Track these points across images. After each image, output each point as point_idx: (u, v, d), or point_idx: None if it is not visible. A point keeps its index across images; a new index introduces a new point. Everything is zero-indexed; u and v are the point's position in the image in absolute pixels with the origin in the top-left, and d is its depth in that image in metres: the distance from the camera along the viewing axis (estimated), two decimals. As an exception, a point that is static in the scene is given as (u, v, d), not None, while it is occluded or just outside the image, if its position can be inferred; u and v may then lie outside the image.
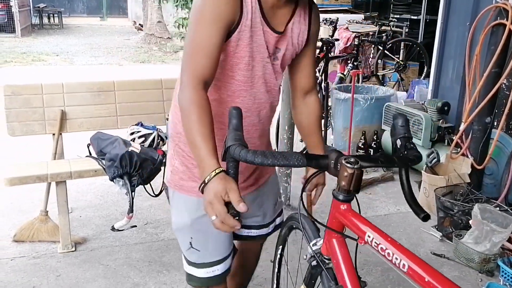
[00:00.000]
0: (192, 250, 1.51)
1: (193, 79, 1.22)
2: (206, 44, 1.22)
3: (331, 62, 5.20)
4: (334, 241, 1.22)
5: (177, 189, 1.50)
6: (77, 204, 3.24)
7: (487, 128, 3.22)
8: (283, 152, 1.09)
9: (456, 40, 3.99)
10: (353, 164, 1.06)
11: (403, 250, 1.00)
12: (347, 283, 1.13)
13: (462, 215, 2.90)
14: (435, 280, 0.91)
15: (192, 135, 1.18)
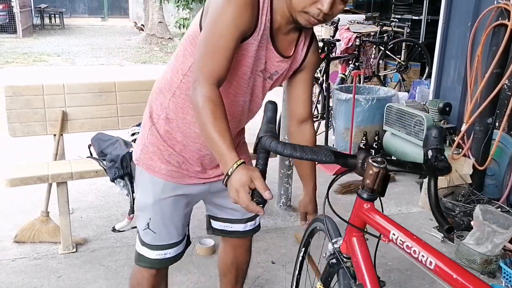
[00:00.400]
0: (148, 231, 1.57)
1: (210, 77, 1.24)
2: (225, 46, 1.24)
3: (332, 62, 5.21)
4: (354, 239, 1.24)
5: (145, 168, 1.54)
6: (78, 205, 3.24)
7: (488, 129, 3.22)
8: (312, 147, 1.15)
9: (458, 41, 3.98)
10: (379, 163, 1.08)
11: (429, 248, 1.02)
12: (367, 281, 1.15)
13: (463, 216, 2.90)
14: (463, 277, 0.93)
15: (209, 131, 1.20)
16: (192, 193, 1.60)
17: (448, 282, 0.95)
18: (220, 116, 1.21)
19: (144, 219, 1.58)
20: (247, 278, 2.49)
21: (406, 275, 2.58)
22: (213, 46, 1.25)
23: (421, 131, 3.68)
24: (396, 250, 2.64)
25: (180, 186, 1.55)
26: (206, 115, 1.20)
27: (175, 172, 1.53)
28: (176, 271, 2.52)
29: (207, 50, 1.26)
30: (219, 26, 1.25)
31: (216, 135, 1.18)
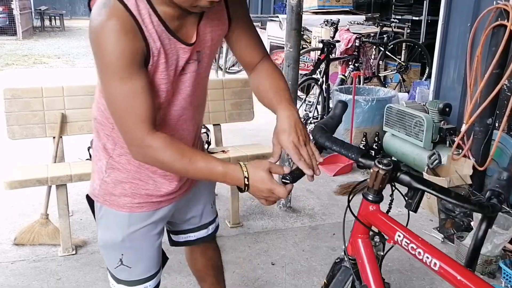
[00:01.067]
0: (123, 268, 1.44)
1: (143, 130, 1.15)
2: (133, 92, 1.12)
3: (332, 63, 5.21)
4: (360, 241, 1.25)
5: (106, 204, 1.40)
6: (77, 207, 3.23)
7: (488, 129, 3.21)
8: (347, 143, 1.22)
9: (457, 41, 3.98)
10: (385, 165, 1.11)
11: (434, 250, 1.04)
12: (371, 282, 1.16)
13: (463, 216, 2.89)
14: (467, 278, 0.95)
15: (194, 169, 1.19)
16: (161, 217, 1.47)
17: (452, 283, 0.98)
18: (185, 149, 1.20)
19: (115, 256, 1.44)
20: (247, 280, 2.51)
21: (407, 276, 2.57)
22: (122, 102, 1.14)
23: (421, 132, 3.68)
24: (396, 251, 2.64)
25: (148, 214, 1.42)
26: (176, 161, 1.18)
27: (143, 203, 1.40)
28: (176, 273, 2.52)
29: (119, 110, 1.15)
30: (114, 79, 1.11)
31: (202, 165, 1.18)
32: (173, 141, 1.20)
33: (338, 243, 2.89)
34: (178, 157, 1.18)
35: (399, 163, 1.16)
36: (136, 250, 1.44)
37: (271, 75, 1.41)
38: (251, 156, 3.01)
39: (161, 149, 1.17)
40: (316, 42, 6.29)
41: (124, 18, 1.10)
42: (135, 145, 1.19)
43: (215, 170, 1.19)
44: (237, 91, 3.24)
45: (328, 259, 2.70)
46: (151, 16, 1.14)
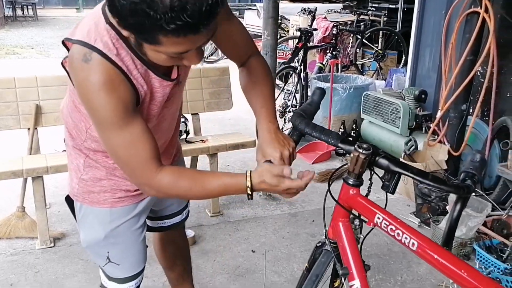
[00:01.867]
0: (112, 264, 1.44)
1: (151, 171, 1.15)
2: (135, 138, 1.12)
3: (310, 51, 5.22)
4: (340, 224, 1.27)
5: (86, 202, 1.38)
6: (55, 199, 3.19)
7: (463, 115, 3.28)
8: (326, 128, 1.23)
9: (433, 29, 4.03)
10: (364, 149, 1.12)
11: (412, 231, 1.07)
12: (352, 265, 1.19)
13: (439, 201, 2.95)
14: (443, 257, 0.99)
15: (209, 191, 1.20)
16: (143, 208, 1.46)
17: (429, 262, 1.01)
18: (194, 175, 1.21)
19: (101, 254, 1.44)
20: (228, 268, 2.52)
21: (385, 260, 2.62)
22: (125, 150, 1.13)
23: (398, 119, 3.73)
24: (374, 236, 2.69)
25: (130, 208, 1.42)
26: (187, 192, 1.21)
27: (124, 197, 1.39)
28: (156, 262, 2.50)
29: (122, 159, 1.15)
30: (112, 130, 1.10)
31: (214, 186, 1.18)
32: (181, 171, 1.22)
33: (317, 230, 2.92)
34: (190, 186, 1.19)
35: (377, 148, 1.17)
36: (121, 246, 1.43)
37: (257, 78, 1.39)
38: (230, 145, 3.01)
39: (173, 184, 1.17)
40: (294, 31, 6.29)
41: (109, 71, 1.07)
42: (146, 185, 1.19)
43: (229, 184, 1.19)
44: (215, 80, 3.23)
45: (308, 246, 2.73)
46: (134, 60, 1.12)
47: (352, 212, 1.25)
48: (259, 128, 1.32)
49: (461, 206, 1.18)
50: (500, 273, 2.38)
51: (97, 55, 1.06)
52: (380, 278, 2.46)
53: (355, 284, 1.15)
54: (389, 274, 2.50)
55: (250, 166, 3.86)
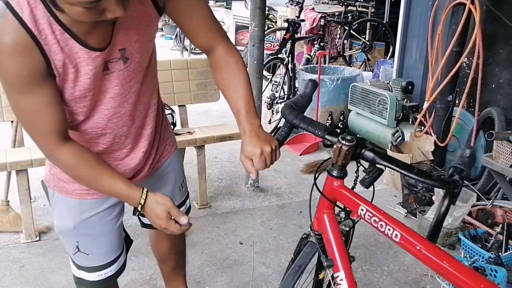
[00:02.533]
0: (80, 254, 1.42)
1: (50, 142, 1.14)
2: (37, 107, 1.08)
3: (297, 43, 5.21)
4: (325, 216, 1.27)
5: (57, 190, 1.37)
6: (40, 193, 3.14)
7: (449, 106, 3.30)
8: (313, 120, 1.22)
9: (420, 20, 4.03)
10: (348, 141, 1.12)
11: (395, 222, 1.07)
12: (337, 257, 1.19)
13: (425, 191, 2.98)
14: (425, 248, 0.99)
15: (99, 184, 1.20)
16: (116, 201, 1.43)
17: (412, 253, 1.01)
18: (94, 163, 1.19)
19: (71, 243, 1.42)
20: (215, 260, 2.52)
21: (371, 250, 2.64)
22: (26, 116, 1.11)
23: (385, 110, 3.74)
24: (361, 227, 2.70)
25: (100, 201, 1.38)
26: (83, 174, 1.19)
27: (93, 191, 1.34)
28: (143, 255, 2.51)
29: (24, 123, 1.14)
30: (14, 94, 1.07)
31: (106, 183, 1.19)
32: (84, 156, 1.19)
33: (305, 221, 2.93)
34: (85, 173, 1.19)
35: (364, 140, 1.17)
36: (91, 236, 1.41)
37: (229, 74, 1.30)
38: (218, 137, 3.00)
39: (71, 165, 1.18)
40: (282, 22, 6.26)
41: (18, 35, 1.00)
42: (47, 155, 1.20)
43: (120, 190, 1.21)
44: (202, 71, 3.20)
45: (295, 237, 2.74)
46: (51, 25, 1.03)
47: (337, 204, 1.25)
48: (239, 129, 1.26)
49: (449, 201, 1.19)
50: (484, 262, 2.41)
51: (9, 13, 1.00)
52: (367, 268, 2.48)
53: (340, 276, 1.15)
54: (375, 264, 2.52)
55: (237, 158, 3.85)
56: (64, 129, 1.15)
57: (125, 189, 1.20)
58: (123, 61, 1.17)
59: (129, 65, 1.19)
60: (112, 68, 1.17)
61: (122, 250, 1.53)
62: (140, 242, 2.61)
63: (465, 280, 0.89)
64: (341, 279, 1.15)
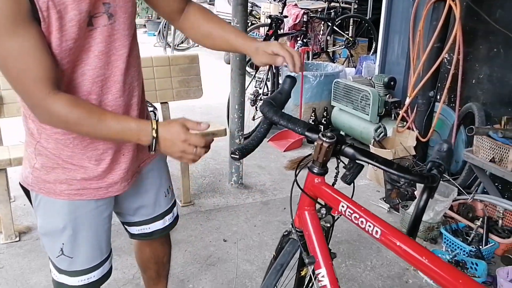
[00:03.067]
0: (63, 258, 1.36)
1: (42, 90, 1.07)
2: (25, 50, 1.03)
3: (281, 39, 5.19)
4: (306, 213, 1.27)
5: (43, 192, 1.29)
6: (20, 193, 3.03)
7: (430, 102, 3.33)
8: (293, 117, 1.21)
9: (401, 16, 4.06)
10: (328, 138, 1.11)
11: (375, 218, 1.07)
12: (318, 253, 1.19)
13: (407, 186, 3.01)
14: (405, 244, 0.99)
15: (103, 128, 1.12)
16: (105, 203, 1.38)
17: (392, 249, 1.01)
18: (92, 107, 1.14)
19: (55, 245, 1.34)
20: (199, 257, 2.51)
21: (355, 246, 2.66)
22: (12, 62, 1.05)
23: (368, 106, 3.76)
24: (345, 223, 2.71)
25: (89, 202, 1.33)
26: (80, 121, 1.11)
27: (81, 190, 1.30)
28: (126, 254, 2.49)
29: (11, 71, 1.07)
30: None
31: (112, 123, 1.12)
32: (80, 100, 1.14)
33: (288, 217, 2.90)
34: (84, 115, 1.11)
35: (344, 137, 1.17)
36: (77, 239, 1.35)
37: (214, 20, 1.37)
38: (201, 134, 2.97)
39: (65, 108, 1.09)
40: (265, 18, 6.25)
41: None
42: (37, 107, 1.11)
43: (128, 126, 1.13)
44: (185, 68, 3.18)
45: (279, 233, 2.70)
46: None
47: (318, 201, 1.25)
48: (244, 49, 1.34)
49: (428, 195, 1.19)
50: (465, 255, 2.44)
51: None
52: (351, 264, 2.49)
53: (321, 272, 1.16)
54: (359, 259, 2.54)
55: (222, 156, 3.84)
56: (54, 77, 1.08)
57: (133, 122, 1.13)
58: (108, 17, 1.16)
59: (113, 22, 1.18)
60: (96, 23, 1.14)
61: (108, 256, 1.47)
62: (123, 241, 2.59)
63: (444, 275, 0.90)
64: (322, 276, 1.16)
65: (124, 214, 1.55)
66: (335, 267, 1.19)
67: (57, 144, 1.24)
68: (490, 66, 3.16)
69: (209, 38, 1.38)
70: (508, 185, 2.93)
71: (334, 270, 1.17)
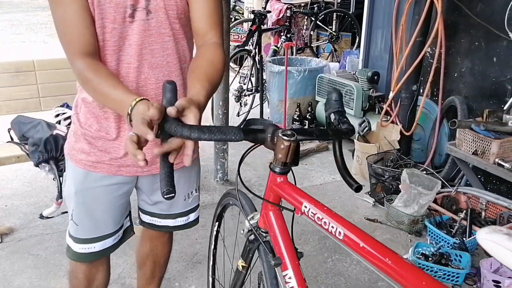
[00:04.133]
0: (72, 223, 1.48)
1: (73, 52, 1.22)
2: (65, 17, 1.20)
3: (265, 34, 5.19)
4: (271, 213, 1.23)
5: (69, 157, 1.45)
6: (2, 193, 3.05)
7: (414, 96, 3.35)
8: (220, 126, 1.05)
9: (384, 10, 4.08)
10: (289, 136, 1.06)
11: (338, 219, 1.02)
12: (284, 254, 1.16)
13: (392, 180, 3.03)
14: (369, 245, 0.94)
15: (102, 93, 1.18)
16: (124, 181, 1.45)
17: (355, 251, 0.96)
18: (104, 74, 1.20)
19: (69, 209, 1.48)
20: (185, 255, 2.49)
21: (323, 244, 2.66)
22: (57, 25, 1.23)
23: (352, 100, 3.78)
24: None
25: (104, 177, 1.42)
26: (92, 83, 1.19)
27: (96, 163, 1.40)
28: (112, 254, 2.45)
29: (57, 31, 1.24)
30: (53, 6, 1.21)
31: (108, 91, 1.15)
32: (99, 65, 1.23)
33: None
34: (94, 74, 1.19)
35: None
36: (84, 209, 1.44)
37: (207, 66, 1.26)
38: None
39: (80, 67, 1.20)
40: (248, 13, 6.23)
41: None
42: (69, 61, 1.24)
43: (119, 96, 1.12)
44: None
45: (266, 229, 2.73)
46: None
47: (281, 205, 1.22)
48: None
49: (340, 146, 1.20)
50: (449, 247, 2.47)
51: None
52: (336, 258, 2.50)
53: (288, 274, 1.12)
54: (344, 253, 2.54)
55: (206, 152, 3.80)
56: (86, 45, 1.21)
57: (124, 94, 1.12)
58: (146, 13, 1.26)
59: (151, 19, 1.28)
60: (136, 16, 1.26)
61: (117, 231, 1.53)
62: (107, 240, 2.56)
63: (408, 276, 0.85)
64: (289, 277, 1.12)
65: (142, 202, 1.62)
66: (320, 262, 1.18)
67: (86, 114, 1.38)
68: (472, 60, 3.19)
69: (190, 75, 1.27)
70: (491, 177, 2.97)
71: (302, 270, 1.14)
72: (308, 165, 3.70)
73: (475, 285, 2.31)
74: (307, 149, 3.90)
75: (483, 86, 3.13)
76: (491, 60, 3.04)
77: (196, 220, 1.75)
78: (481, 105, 3.07)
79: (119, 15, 1.24)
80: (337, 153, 1.20)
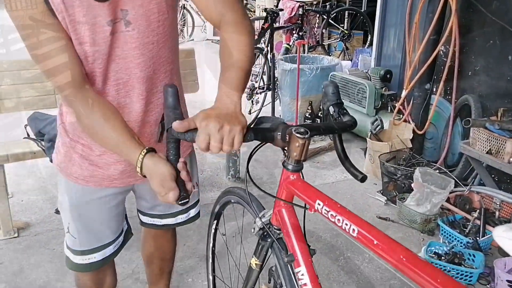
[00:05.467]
0: (69, 235, 1.45)
1: (64, 90, 1.12)
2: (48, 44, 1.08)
3: (277, 32, 5.19)
4: (284, 211, 1.23)
5: (59, 169, 1.39)
6: (17, 188, 3.09)
7: (426, 94, 3.34)
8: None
9: (397, 8, 4.06)
10: (303, 134, 1.06)
11: (352, 216, 1.02)
12: (297, 251, 1.15)
13: (405, 179, 3.02)
14: (383, 242, 0.94)
15: (105, 137, 1.13)
16: (116, 192, 1.43)
17: (369, 248, 0.97)
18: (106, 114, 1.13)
19: (65, 222, 1.44)
20: (198, 251, 2.51)
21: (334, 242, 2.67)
22: (39, 55, 1.09)
23: (364, 99, 3.77)
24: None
25: (96, 190, 1.38)
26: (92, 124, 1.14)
27: (88, 177, 1.35)
28: (125, 249, 2.47)
29: (40, 66, 1.11)
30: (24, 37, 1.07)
31: (112, 135, 1.11)
32: (97, 99, 1.16)
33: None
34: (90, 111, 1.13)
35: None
36: (82, 222, 1.41)
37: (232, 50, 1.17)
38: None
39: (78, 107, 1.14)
40: (260, 11, 6.23)
41: None
42: (62, 98, 1.18)
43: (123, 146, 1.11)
44: (180, 62, 3.15)
45: (278, 227, 2.75)
46: None
47: (293, 203, 1.21)
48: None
49: (340, 139, 1.20)
50: (463, 246, 2.46)
51: None
52: (348, 256, 2.51)
53: (301, 271, 1.12)
54: (357, 251, 2.55)
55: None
56: (77, 76, 1.12)
57: (128, 145, 1.11)
58: (124, 24, 1.15)
59: (131, 31, 1.16)
60: (115, 29, 1.14)
61: (115, 240, 1.51)
62: (121, 236, 2.60)
63: (422, 273, 0.85)
64: (302, 274, 1.12)
65: (141, 205, 1.61)
66: (333, 260, 1.18)
67: (74, 124, 1.29)
68: (486, 58, 3.17)
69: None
70: (505, 177, 2.95)
71: (314, 267, 1.14)
72: (320, 163, 3.71)
73: (488, 285, 2.30)
74: (319, 147, 3.90)
75: (498, 84, 3.11)
76: (506, 58, 3.02)
77: (197, 215, 1.73)
78: (496, 104, 3.04)
79: (98, 35, 1.12)
80: (338, 146, 1.20)
